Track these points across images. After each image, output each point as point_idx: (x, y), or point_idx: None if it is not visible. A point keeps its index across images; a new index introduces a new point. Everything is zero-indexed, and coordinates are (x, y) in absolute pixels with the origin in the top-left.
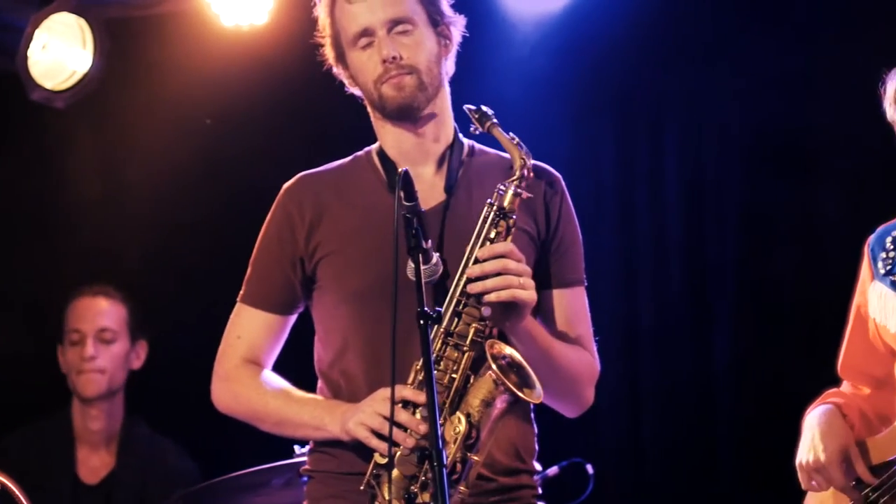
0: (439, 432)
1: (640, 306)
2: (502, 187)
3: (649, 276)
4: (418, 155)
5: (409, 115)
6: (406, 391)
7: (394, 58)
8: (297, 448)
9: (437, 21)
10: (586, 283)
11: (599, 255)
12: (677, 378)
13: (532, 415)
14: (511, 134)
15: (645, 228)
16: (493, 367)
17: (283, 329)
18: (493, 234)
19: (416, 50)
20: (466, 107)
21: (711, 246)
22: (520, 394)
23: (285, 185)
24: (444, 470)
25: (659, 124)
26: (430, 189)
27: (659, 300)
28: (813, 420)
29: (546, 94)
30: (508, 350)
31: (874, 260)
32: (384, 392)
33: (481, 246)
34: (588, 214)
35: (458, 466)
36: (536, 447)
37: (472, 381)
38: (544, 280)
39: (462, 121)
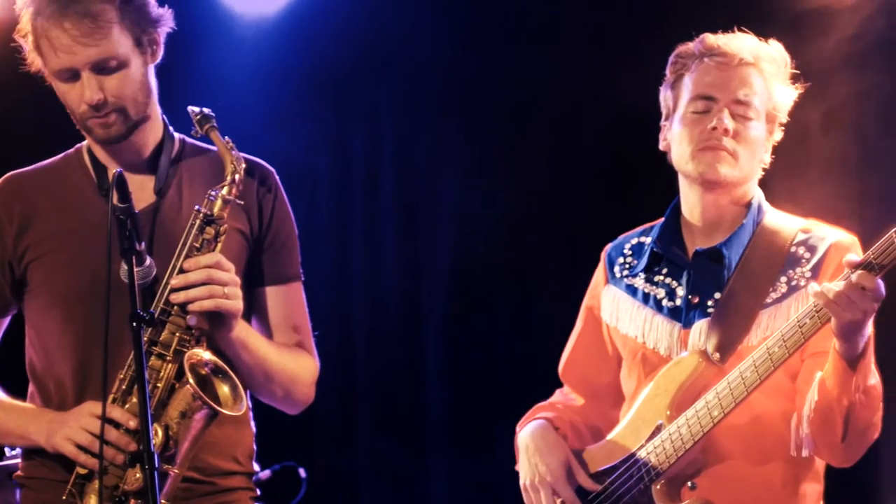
0: (151, 437)
1: (354, 309)
2: (213, 193)
3: (363, 277)
4: (127, 157)
5: (116, 143)
6: (115, 412)
7: (98, 100)
8: (7, 450)
9: (141, 39)
10: (304, 279)
11: (314, 252)
12: (391, 382)
13: (251, 413)
14: (227, 138)
15: (359, 224)
16: (191, 379)
17: None
18: (199, 242)
19: (122, 87)
20: (190, 109)
21: (425, 245)
22: (217, 407)
23: None
24: (157, 473)
25: (376, 120)
26: (140, 191)
27: (373, 301)
28: (527, 438)
29: (266, 92)
30: (208, 356)
31: (610, 265)
32: (90, 406)
33: (188, 254)
34: (303, 209)
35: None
36: (255, 447)
37: (176, 391)
38: (260, 277)
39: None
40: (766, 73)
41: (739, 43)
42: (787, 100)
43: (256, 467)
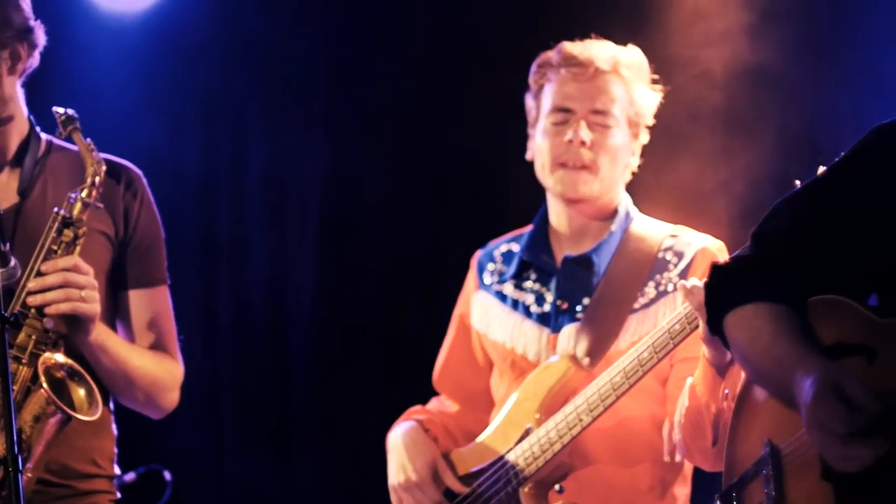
0: (15, 439)
1: (221, 312)
2: (72, 196)
3: (229, 279)
4: None
5: None
6: None
7: None
8: None
9: (18, 55)
10: (170, 282)
11: (181, 255)
12: (257, 385)
13: (113, 417)
14: (89, 140)
15: (226, 226)
16: (44, 384)
17: None
18: (58, 245)
19: None
20: (54, 109)
21: (293, 253)
22: (70, 412)
23: None
24: (21, 476)
25: (243, 121)
26: (4, 191)
27: (239, 306)
28: (397, 439)
29: (133, 90)
30: (63, 360)
31: (480, 272)
32: None
33: (45, 256)
34: (170, 210)
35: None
36: (116, 450)
37: (30, 394)
38: (124, 281)
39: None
40: (626, 78)
41: (596, 51)
42: (650, 103)
43: (118, 470)
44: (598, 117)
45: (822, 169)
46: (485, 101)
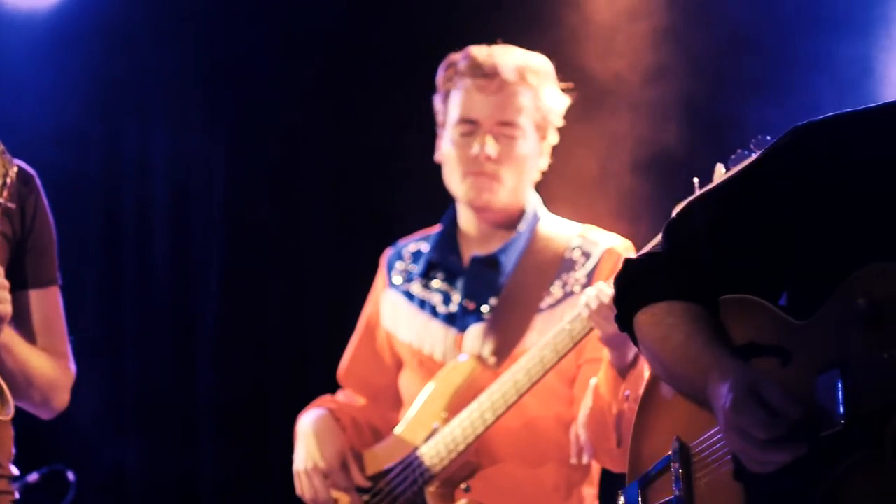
0: None
1: (125, 308)
2: None
3: (134, 277)
4: None
5: None
6: None
7: None
8: None
9: None
10: (62, 283)
11: (84, 253)
12: (161, 383)
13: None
14: None
15: (131, 226)
16: None
17: None
18: None
19: None
20: None
21: (197, 249)
22: None
23: None
24: None
25: (147, 122)
26: None
27: (143, 302)
28: (307, 426)
29: (37, 87)
30: None
31: (390, 270)
32: None
33: None
34: (73, 210)
35: None
36: (14, 450)
37: None
38: (20, 280)
39: None
40: (532, 85)
41: (502, 60)
42: (558, 105)
43: (15, 470)
44: (505, 129)
45: (720, 169)
46: (390, 100)
